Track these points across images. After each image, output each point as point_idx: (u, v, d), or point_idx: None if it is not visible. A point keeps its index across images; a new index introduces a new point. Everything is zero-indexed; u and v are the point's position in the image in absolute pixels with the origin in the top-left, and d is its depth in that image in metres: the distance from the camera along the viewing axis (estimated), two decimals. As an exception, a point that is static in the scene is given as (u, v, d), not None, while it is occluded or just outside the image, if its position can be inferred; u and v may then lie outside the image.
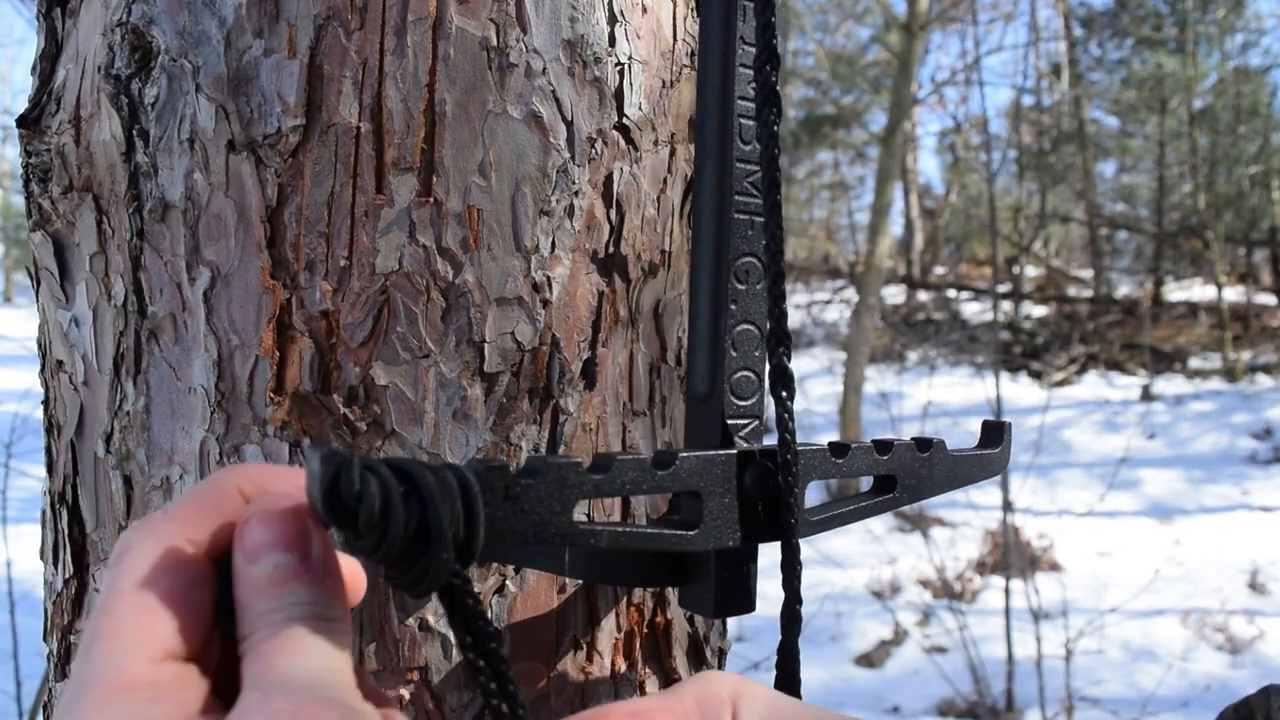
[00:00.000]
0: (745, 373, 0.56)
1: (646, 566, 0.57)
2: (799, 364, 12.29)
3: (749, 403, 0.56)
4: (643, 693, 0.66)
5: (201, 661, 0.35)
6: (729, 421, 0.55)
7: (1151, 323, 12.41)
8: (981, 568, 6.71)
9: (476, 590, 0.48)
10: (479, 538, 0.38)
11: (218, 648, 0.37)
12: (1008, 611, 4.89)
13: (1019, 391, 10.73)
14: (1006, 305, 13.44)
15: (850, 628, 5.89)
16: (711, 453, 0.52)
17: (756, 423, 0.56)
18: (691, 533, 0.52)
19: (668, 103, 0.68)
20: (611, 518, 0.65)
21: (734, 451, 0.53)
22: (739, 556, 0.55)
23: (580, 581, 0.62)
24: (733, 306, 0.55)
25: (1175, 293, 14.34)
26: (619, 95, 0.64)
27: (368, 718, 0.33)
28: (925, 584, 6.55)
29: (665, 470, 0.50)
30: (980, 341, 12.41)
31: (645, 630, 0.66)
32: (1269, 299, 13.59)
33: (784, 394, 0.52)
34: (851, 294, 13.69)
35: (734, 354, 0.55)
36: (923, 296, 15.05)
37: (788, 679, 0.54)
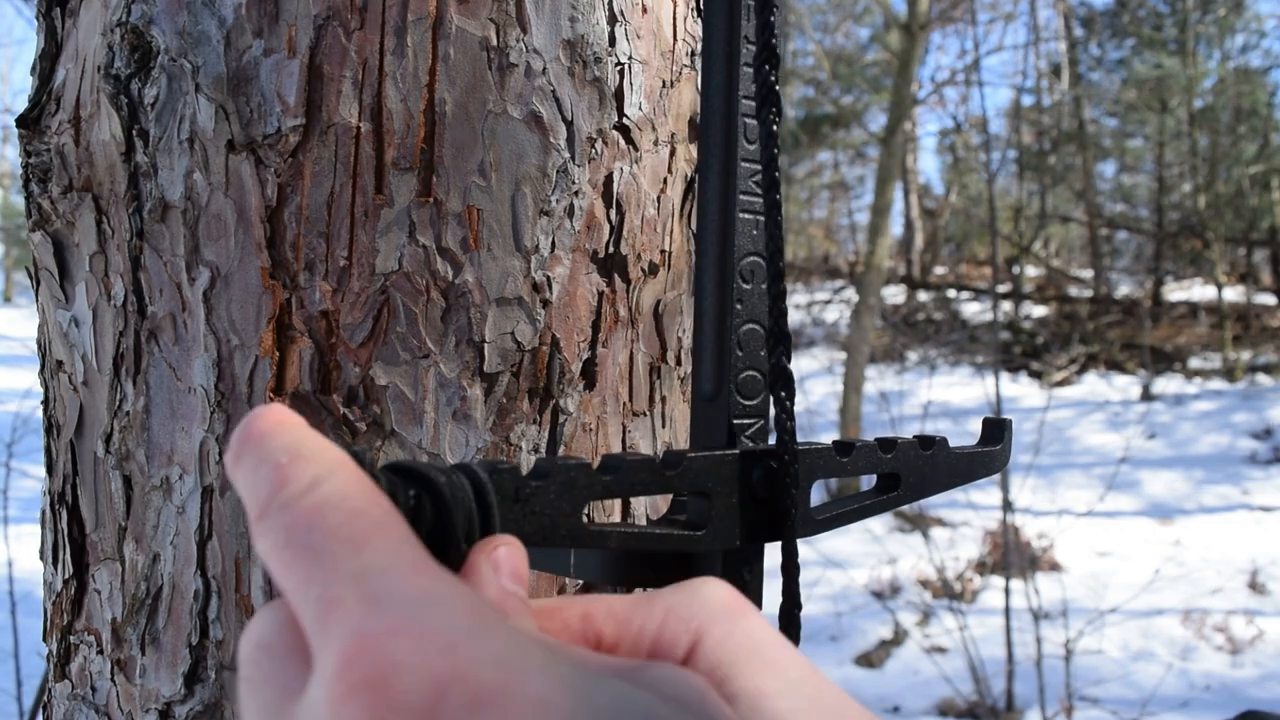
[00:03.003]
0: (750, 372, 0.55)
1: (651, 567, 0.57)
2: (799, 364, 12.28)
3: (754, 402, 0.56)
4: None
5: None
6: (735, 421, 0.55)
7: (1151, 323, 12.41)
8: (981, 568, 6.71)
9: None
10: (497, 533, 0.38)
11: None
12: (1008, 611, 4.88)
13: (1019, 391, 10.73)
14: (1006, 305, 13.44)
15: (850, 628, 5.89)
16: (719, 453, 0.52)
17: (762, 422, 0.56)
18: (699, 533, 0.52)
19: (668, 103, 0.68)
20: (611, 518, 0.64)
21: (740, 451, 0.53)
22: (745, 556, 0.55)
23: (580, 581, 0.62)
24: (738, 306, 0.55)
25: (1175, 293, 14.34)
26: (619, 95, 0.64)
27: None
28: (925, 584, 6.55)
29: (674, 470, 0.50)
30: (980, 341, 12.41)
31: (646, 631, 0.66)
32: (1269, 299, 13.59)
33: (783, 394, 0.51)
34: (851, 294, 13.69)
35: (739, 353, 0.55)
36: (923, 296, 15.05)
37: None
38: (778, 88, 0.52)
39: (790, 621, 0.53)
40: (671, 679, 0.32)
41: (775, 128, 0.52)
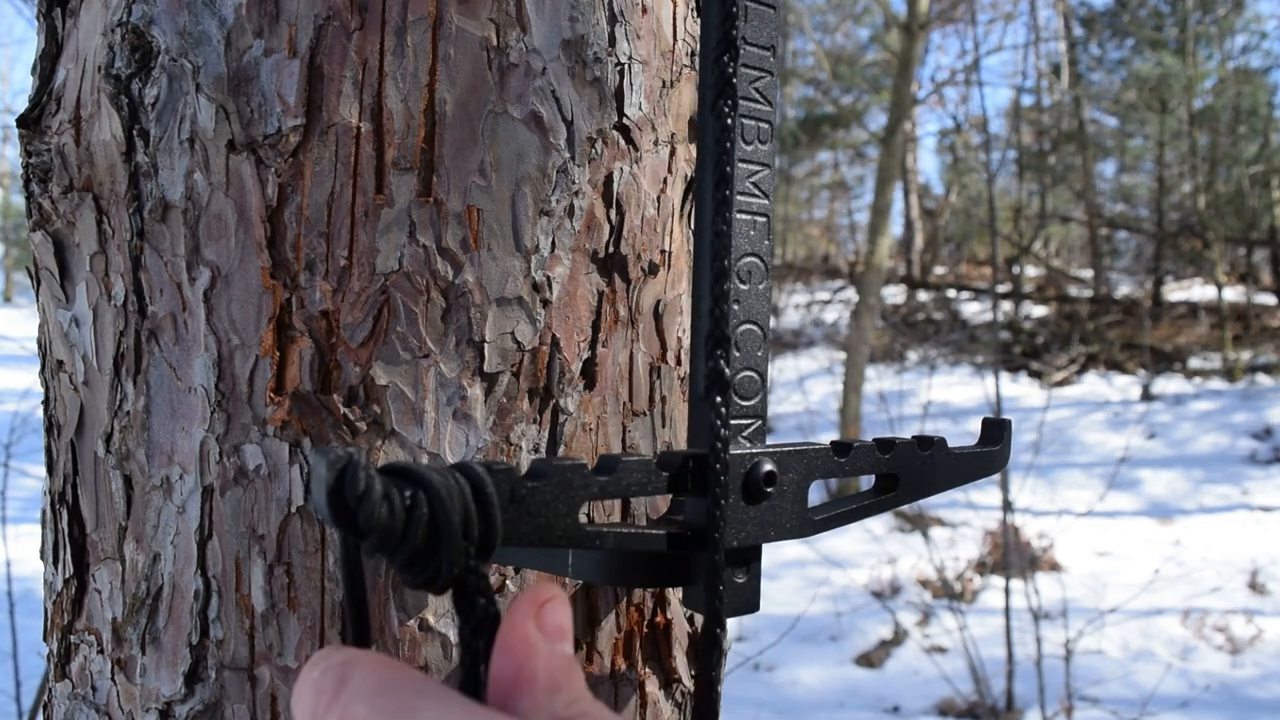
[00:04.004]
0: (748, 372, 0.55)
1: (649, 567, 0.57)
2: (799, 364, 12.29)
3: (752, 402, 0.56)
4: (642, 694, 0.66)
5: None
6: (732, 422, 0.55)
7: (1151, 323, 12.41)
8: (981, 568, 6.71)
9: None
10: (497, 531, 0.38)
11: None
12: (1008, 611, 4.88)
13: (1019, 391, 10.73)
14: (1006, 305, 13.44)
15: (850, 628, 5.89)
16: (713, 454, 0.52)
17: (760, 423, 0.56)
18: (694, 534, 0.52)
19: (668, 103, 0.68)
20: (611, 518, 0.65)
21: (738, 452, 0.53)
22: (742, 556, 0.55)
23: (579, 581, 0.62)
24: (735, 306, 0.55)
25: (1175, 293, 14.34)
26: (619, 95, 0.64)
27: None
28: (925, 584, 6.55)
29: (668, 471, 0.50)
30: (980, 341, 12.41)
31: (645, 630, 0.66)
32: (1269, 299, 13.58)
33: (718, 399, 0.51)
34: (851, 294, 13.70)
35: (737, 354, 0.55)
36: (923, 296, 15.05)
37: (704, 711, 0.49)
38: (734, 80, 0.52)
39: (711, 642, 0.50)
40: None
41: (729, 122, 0.52)
